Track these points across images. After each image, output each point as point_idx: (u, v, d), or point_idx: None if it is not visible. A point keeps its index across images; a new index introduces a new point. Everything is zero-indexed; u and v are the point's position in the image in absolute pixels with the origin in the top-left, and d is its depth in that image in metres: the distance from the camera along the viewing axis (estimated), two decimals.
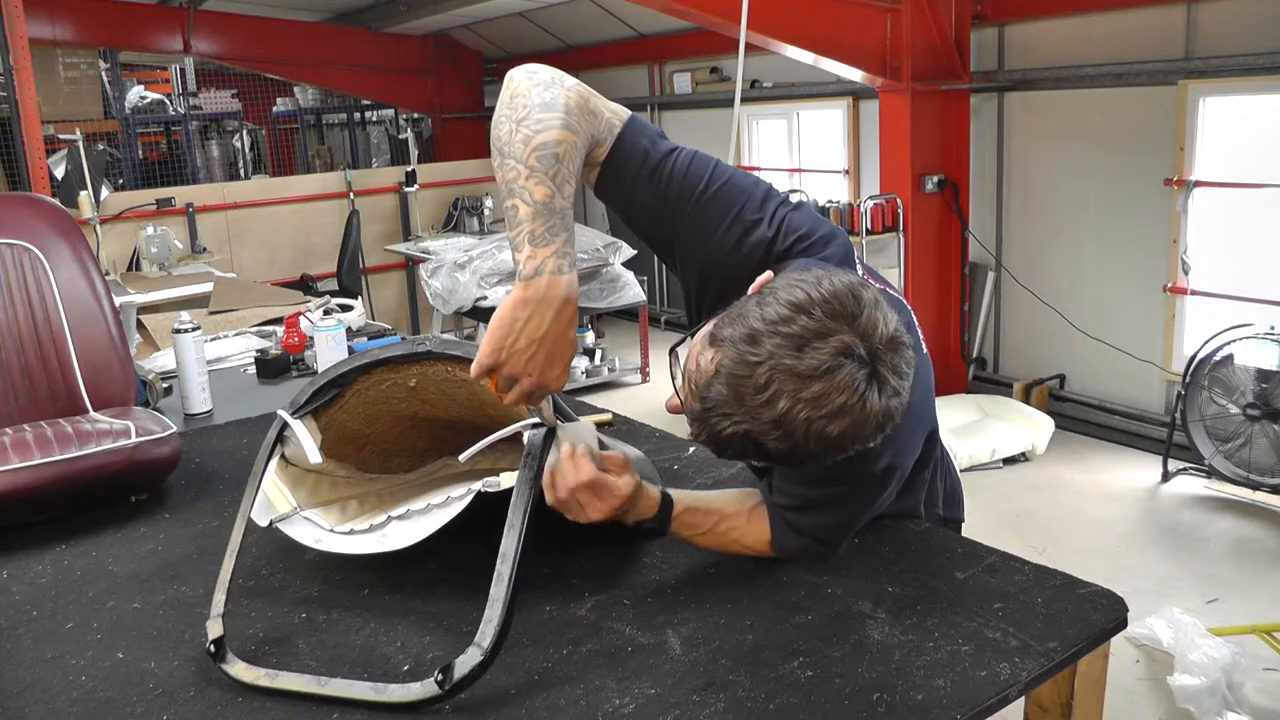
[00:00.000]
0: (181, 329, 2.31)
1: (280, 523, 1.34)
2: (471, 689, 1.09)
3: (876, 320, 1.05)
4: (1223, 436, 4.06)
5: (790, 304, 1.05)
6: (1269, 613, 3.16)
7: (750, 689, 1.08)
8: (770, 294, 1.08)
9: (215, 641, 1.17)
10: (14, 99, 4.28)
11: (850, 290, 1.06)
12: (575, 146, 1.18)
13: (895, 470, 1.27)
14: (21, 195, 2.27)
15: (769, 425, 1.04)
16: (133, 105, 8.25)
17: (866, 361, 1.04)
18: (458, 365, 1.34)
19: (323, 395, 1.42)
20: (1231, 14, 4.22)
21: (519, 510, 1.15)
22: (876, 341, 1.04)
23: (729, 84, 6.25)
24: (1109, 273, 4.90)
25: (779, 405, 1.03)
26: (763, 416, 1.04)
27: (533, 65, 1.23)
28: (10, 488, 1.57)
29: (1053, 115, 5.03)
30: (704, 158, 1.31)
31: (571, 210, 1.17)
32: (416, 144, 7.77)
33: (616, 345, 6.73)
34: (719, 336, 1.09)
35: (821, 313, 1.04)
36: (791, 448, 1.06)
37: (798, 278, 1.09)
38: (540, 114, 1.17)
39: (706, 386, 1.08)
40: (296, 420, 1.39)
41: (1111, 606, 1.23)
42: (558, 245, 1.14)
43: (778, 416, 1.03)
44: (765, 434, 1.05)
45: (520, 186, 1.14)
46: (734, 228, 1.28)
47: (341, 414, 1.45)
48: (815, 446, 1.05)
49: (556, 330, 1.15)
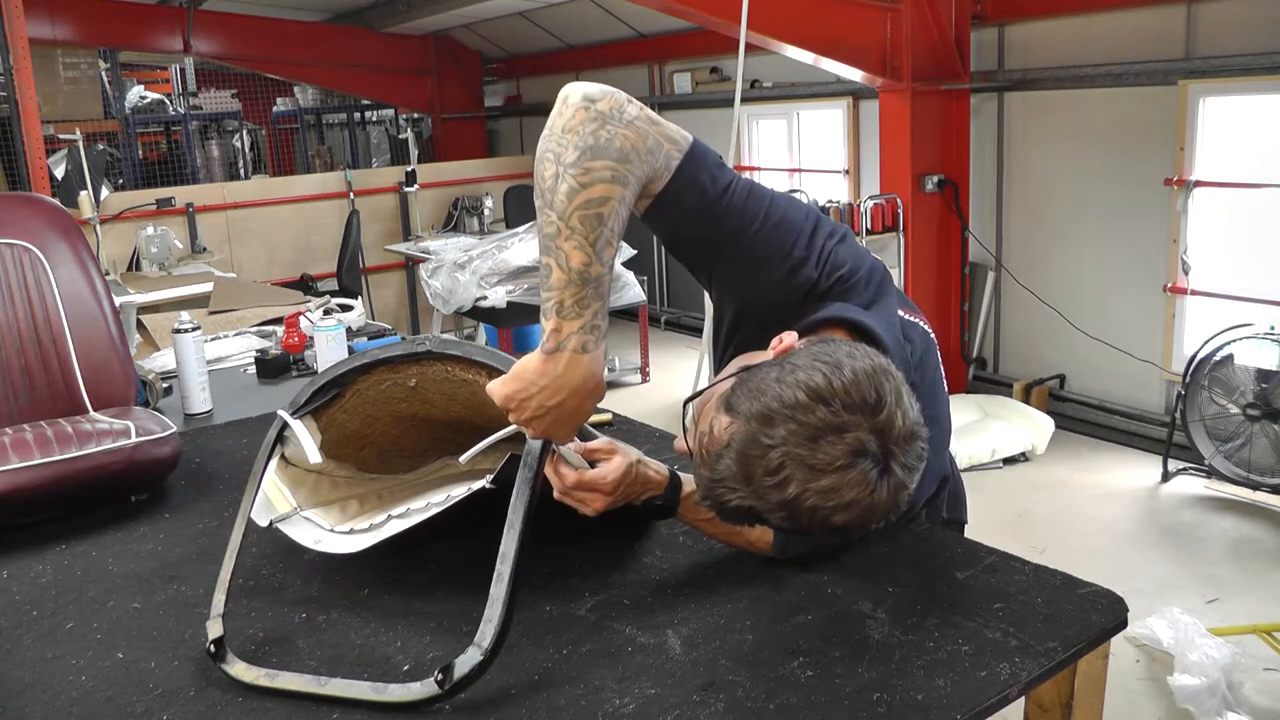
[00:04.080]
0: (181, 329, 2.31)
1: (280, 523, 1.34)
2: (471, 689, 1.09)
3: (895, 417, 1.04)
4: (1223, 436, 4.06)
5: (810, 390, 1.03)
6: (1269, 613, 3.16)
7: (750, 689, 1.08)
8: (791, 372, 1.06)
9: (215, 641, 1.17)
10: (14, 99, 4.29)
11: (872, 381, 1.05)
12: (623, 201, 1.11)
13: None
14: (21, 195, 2.27)
15: (775, 506, 1.05)
16: (133, 105, 8.24)
17: (880, 459, 1.03)
18: (457, 365, 1.34)
19: (323, 395, 1.42)
20: (1231, 14, 4.22)
21: (519, 510, 1.15)
22: (893, 439, 1.04)
23: (729, 84, 6.25)
24: (1109, 273, 4.90)
25: (788, 490, 1.03)
26: (770, 498, 1.04)
27: (590, 90, 1.12)
28: (10, 488, 1.57)
29: (1053, 115, 5.03)
30: (760, 191, 1.25)
31: (610, 273, 1.12)
32: (416, 144, 7.78)
33: (616, 345, 6.73)
34: (735, 407, 1.08)
35: (840, 404, 1.03)
36: (795, 528, 1.07)
37: (824, 355, 1.07)
38: (589, 161, 1.08)
39: (717, 458, 1.08)
40: (296, 420, 1.39)
41: (1111, 606, 1.23)
42: (586, 319, 1.10)
43: (785, 500, 1.04)
44: (770, 512, 1.06)
45: (556, 247, 1.08)
46: (781, 266, 1.23)
47: (341, 414, 1.45)
48: (818, 530, 1.06)
49: (570, 405, 1.13)
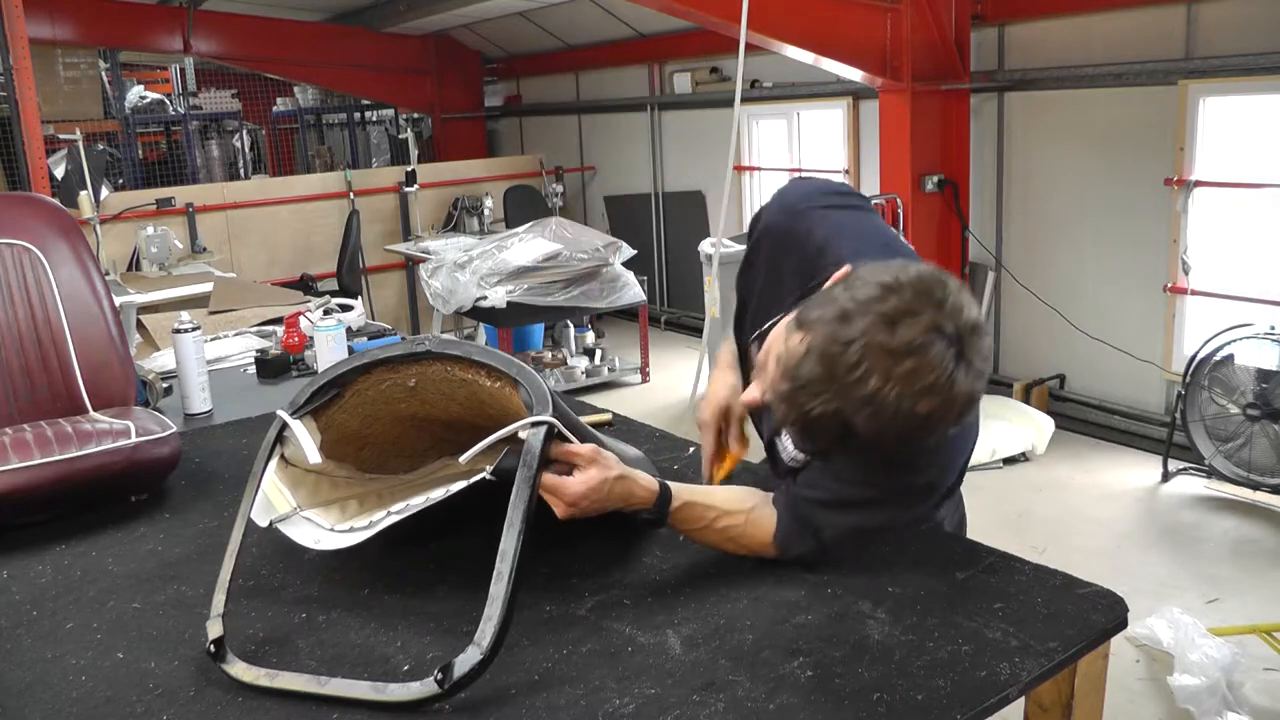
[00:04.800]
0: (181, 329, 2.31)
1: (280, 523, 1.34)
2: (471, 689, 1.09)
3: (961, 304, 1.07)
4: (1223, 436, 4.06)
5: (880, 285, 1.07)
6: (1269, 613, 3.16)
7: (750, 689, 1.08)
8: (858, 279, 1.10)
9: (215, 641, 1.17)
10: (14, 99, 4.29)
11: (935, 275, 1.09)
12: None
13: (934, 490, 1.29)
14: (21, 195, 2.27)
15: (859, 403, 1.05)
16: (133, 105, 8.25)
17: (954, 340, 1.05)
18: (457, 365, 1.34)
19: (322, 395, 1.42)
20: (1231, 14, 4.22)
21: (518, 509, 1.15)
22: (963, 323, 1.06)
23: (729, 84, 6.25)
24: (1109, 272, 4.90)
25: (870, 383, 1.04)
26: (854, 394, 1.05)
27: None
28: (10, 488, 1.57)
29: (1053, 115, 5.03)
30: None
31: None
32: (416, 144, 7.77)
33: (616, 345, 6.73)
34: (807, 319, 1.10)
35: (911, 293, 1.06)
36: (878, 429, 1.06)
37: (882, 266, 1.11)
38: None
39: (797, 366, 1.09)
40: (296, 420, 1.39)
41: (1111, 606, 1.23)
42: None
43: (869, 394, 1.04)
44: (856, 412, 1.06)
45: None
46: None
47: (341, 414, 1.45)
48: (902, 426, 1.06)
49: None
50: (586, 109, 8.34)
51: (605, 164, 8.29)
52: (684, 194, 7.42)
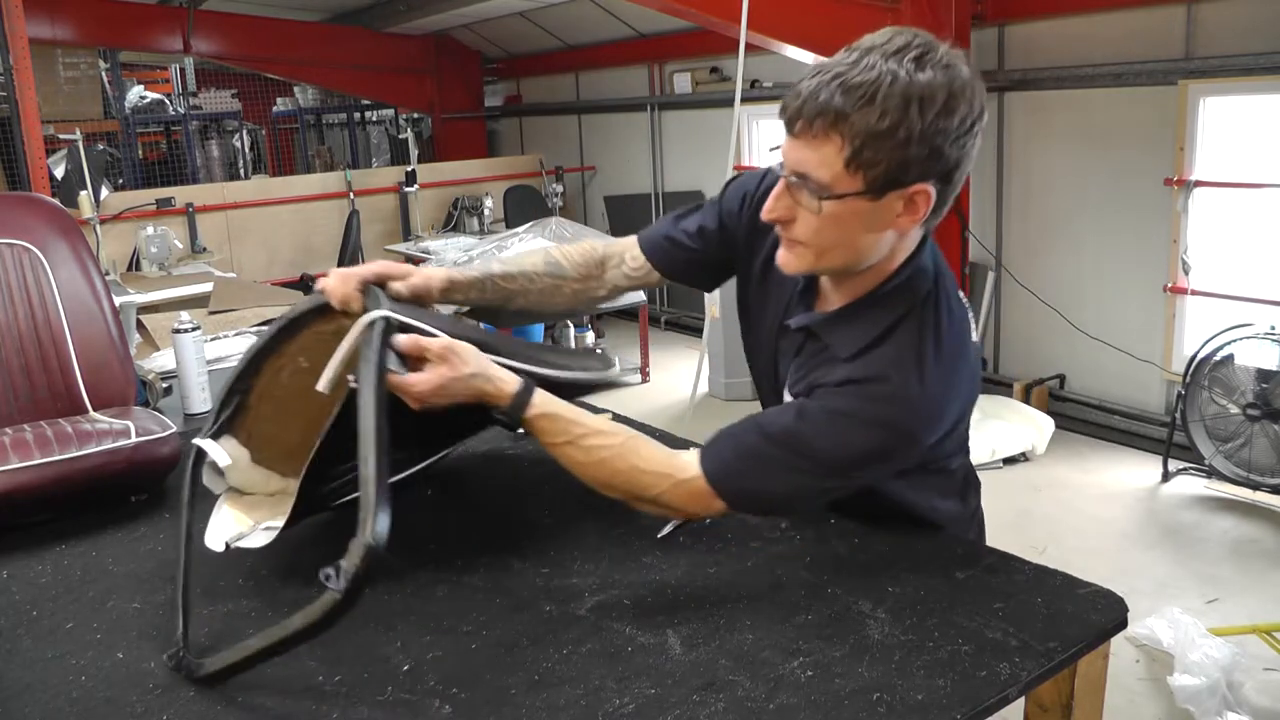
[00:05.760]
0: (181, 329, 2.31)
1: (238, 542, 1.32)
2: (471, 688, 1.09)
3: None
4: (1223, 436, 4.06)
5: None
6: (1269, 613, 3.16)
7: (750, 689, 1.08)
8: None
9: (172, 655, 1.17)
10: (14, 99, 4.29)
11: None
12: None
13: (890, 429, 1.20)
14: (21, 195, 2.27)
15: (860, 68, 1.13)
16: (133, 105, 8.24)
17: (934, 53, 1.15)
18: (319, 321, 1.32)
19: (226, 407, 1.39)
20: (1231, 14, 4.22)
21: (366, 405, 1.14)
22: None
23: (729, 84, 6.24)
24: (1109, 273, 4.90)
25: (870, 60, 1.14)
26: (854, 70, 1.13)
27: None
28: (10, 488, 1.57)
29: (1053, 115, 5.03)
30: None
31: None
32: (416, 144, 7.77)
33: (617, 345, 6.73)
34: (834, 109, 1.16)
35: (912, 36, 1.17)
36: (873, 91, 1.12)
37: None
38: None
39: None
40: (213, 442, 1.36)
41: (1111, 606, 1.23)
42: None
43: (868, 66, 1.13)
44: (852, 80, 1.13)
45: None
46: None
47: (267, 425, 1.41)
48: (923, 87, 1.12)
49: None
50: (586, 109, 8.34)
51: (605, 164, 8.29)
52: (684, 194, 7.42)
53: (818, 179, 1.16)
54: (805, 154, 1.17)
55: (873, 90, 1.11)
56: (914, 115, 1.11)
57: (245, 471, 1.43)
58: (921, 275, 1.28)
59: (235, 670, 1.12)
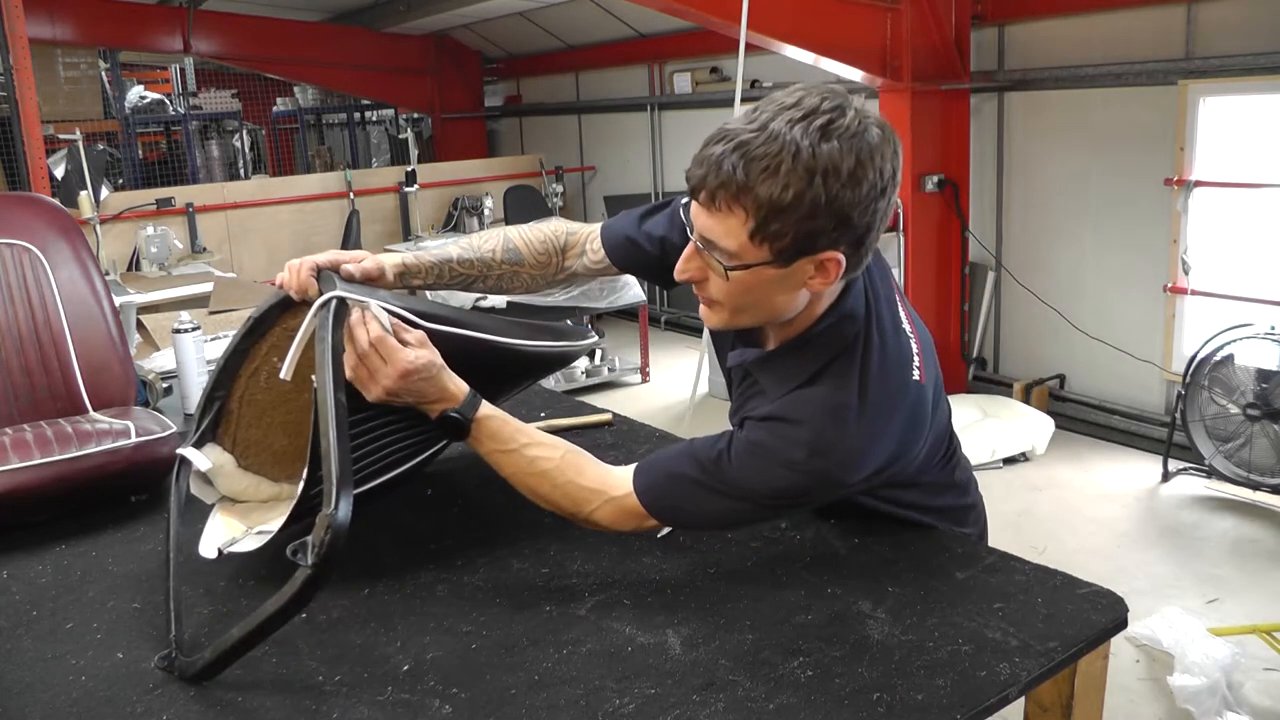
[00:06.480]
0: (181, 329, 2.31)
1: (231, 547, 1.32)
2: (471, 689, 1.09)
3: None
4: (1223, 436, 4.06)
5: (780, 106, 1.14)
6: (1269, 613, 3.16)
7: (750, 689, 1.08)
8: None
9: (164, 657, 1.17)
10: (14, 99, 4.29)
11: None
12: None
13: (805, 473, 1.20)
14: (21, 195, 2.27)
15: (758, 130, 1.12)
16: (133, 105, 8.24)
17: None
18: (286, 316, 1.32)
19: (207, 414, 1.39)
20: (1231, 14, 4.22)
21: (325, 386, 1.15)
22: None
23: (729, 84, 6.25)
24: (1109, 273, 4.90)
25: (774, 125, 1.11)
26: (758, 139, 1.11)
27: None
28: (10, 488, 1.57)
29: (1053, 115, 5.03)
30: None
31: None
32: (416, 144, 7.77)
33: (616, 345, 6.73)
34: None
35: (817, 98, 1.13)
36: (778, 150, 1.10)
37: None
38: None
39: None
40: (195, 450, 1.36)
41: (1111, 606, 1.23)
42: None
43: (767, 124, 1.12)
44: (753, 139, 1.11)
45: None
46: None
47: (252, 430, 1.41)
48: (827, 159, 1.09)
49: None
50: (586, 109, 8.34)
51: (605, 164, 8.29)
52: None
53: (724, 248, 1.15)
54: (711, 223, 1.16)
55: (776, 163, 1.08)
56: (818, 187, 1.08)
57: (233, 478, 1.43)
58: (848, 321, 1.24)
59: (223, 663, 1.12)
